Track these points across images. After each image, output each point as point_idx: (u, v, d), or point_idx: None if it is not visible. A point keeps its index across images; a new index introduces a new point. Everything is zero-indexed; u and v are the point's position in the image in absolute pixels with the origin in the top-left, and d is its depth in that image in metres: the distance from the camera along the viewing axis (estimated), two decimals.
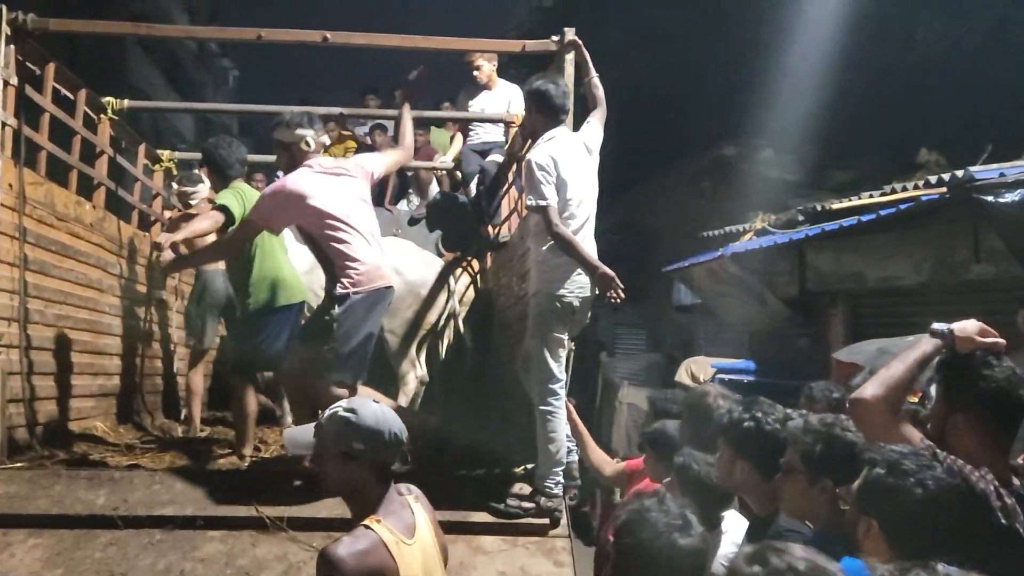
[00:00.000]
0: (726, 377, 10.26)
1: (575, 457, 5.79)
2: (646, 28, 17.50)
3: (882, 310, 9.98)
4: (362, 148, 11.79)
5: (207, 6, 36.35)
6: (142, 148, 8.23)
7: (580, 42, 5.89)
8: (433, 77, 6.50)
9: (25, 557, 5.08)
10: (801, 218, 10.64)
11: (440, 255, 9.08)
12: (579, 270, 5.43)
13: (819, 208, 10.53)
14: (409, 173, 11.21)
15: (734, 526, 4.14)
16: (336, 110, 8.09)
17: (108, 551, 5.14)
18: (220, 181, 6.32)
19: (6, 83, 5.78)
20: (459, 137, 10.04)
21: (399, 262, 7.37)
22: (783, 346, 11.43)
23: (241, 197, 6.05)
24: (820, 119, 14.40)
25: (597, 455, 6.09)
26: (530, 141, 5.95)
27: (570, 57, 5.89)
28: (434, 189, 11.14)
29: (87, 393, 6.98)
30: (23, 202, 5.90)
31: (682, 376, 11.05)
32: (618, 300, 5.32)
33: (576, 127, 5.78)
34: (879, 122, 14.52)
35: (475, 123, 9.44)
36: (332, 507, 5.50)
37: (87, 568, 5.00)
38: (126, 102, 6.97)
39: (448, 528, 5.23)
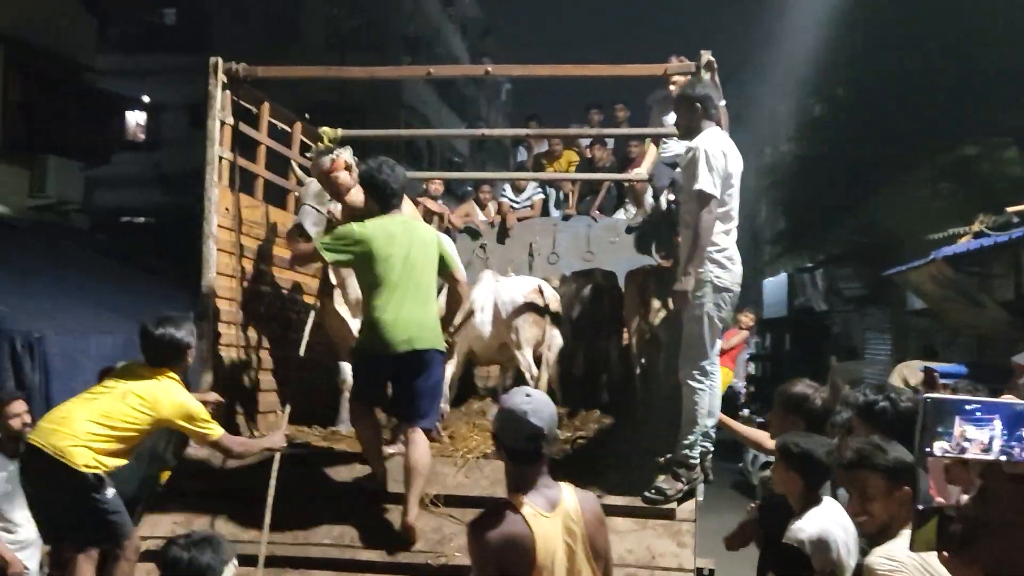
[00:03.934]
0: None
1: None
2: (882, 31, 17.22)
3: None
4: (583, 162, 12.43)
5: (479, 23, 38.13)
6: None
7: (715, 64, 6.31)
8: None
9: (229, 521, 6.09)
10: (1016, 219, 10.38)
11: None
12: (738, 260, 5.99)
13: None
14: (625, 184, 11.70)
15: (827, 511, 4.50)
16: (523, 131, 8.70)
17: (300, 517, 6.03)
18: (379, 210, 6.12)
19: (223, 123, 6.87)
20: (652, 149, 10.42)
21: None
22: (1008, 351, 11.12)
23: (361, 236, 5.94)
24: None
25: (751, 433, 6.50)
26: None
27: (707, 77, 6.32)
28: (649, 200, 11.55)
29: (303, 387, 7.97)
30: (239, 223, 6.98)
31: (895, 379, 11.01)
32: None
33: None
34: None
35: (667, 136, 9.80)
36: (484, 488, 6.23)
37: (281, 532, 5.84)
38: (339, 131, 7.93)
39: None
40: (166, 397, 5.56)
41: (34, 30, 15.30)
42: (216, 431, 5.72)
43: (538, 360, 8.33)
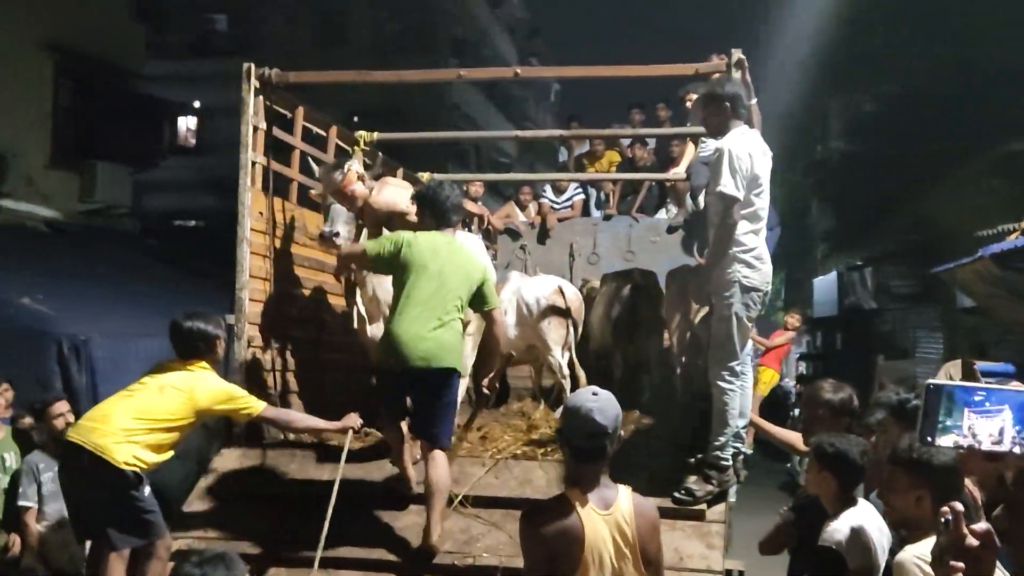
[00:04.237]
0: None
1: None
2: (930, 26, 17.04)
3: None
4: (624, 161, 12.39)
5: (527, 24, 38.13)
6: (399, 172, 9.28)
7: (746, 63, 6.27)
8: None
9: (259, 523, 6.15)
10: None
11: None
12: (767, 260, 5.97)
13: None
14: (667, 184, 11.65)
15: (862, 512, 4.46)
16: (557, 132, 8.72)
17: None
18: (435, 226, 6.15)
19: (255, 128, 6.94)
20: (691, 148, 10.38)
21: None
22: None
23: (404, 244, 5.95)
24: None
25: (783, 434, 6.49)
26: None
27: (737, 76, 6.27)
28: (690, 200, 11.49)
29: (337, 389, 8.02)
30: (273, 226, 7.05)
31: (940, 378, 10.86)
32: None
33: None
34: None
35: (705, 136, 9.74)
36: (512, 489, 6.25)
37: (309, 533, 5.82)
38: (375, 134, 7.99)
39: None
40: (201, 385, 5.69)
41: (84, 38, 15.57)
42: (258, 405, 5.85)
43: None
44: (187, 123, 25.13)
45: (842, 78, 23.99)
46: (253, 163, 6.90)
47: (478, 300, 6.12)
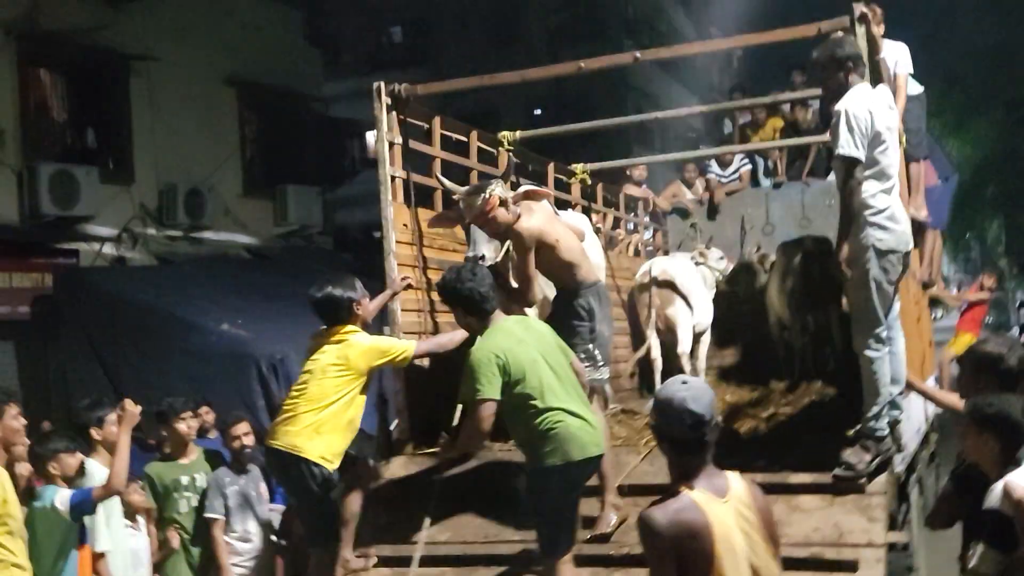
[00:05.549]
0: None
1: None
2: None
3: None
4: (789, 126, 12.08)
5: None
6: (551, 167, 9.34)
7: (870, 17, 6.03)
8: None
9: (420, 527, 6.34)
10: None
11: None
12: (903, 220, 5.78)
13: None
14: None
15: None
16: (698, 108, 8.58)
17: (484, 519, 6.25)
18: (478, 321, 5.64)
19: (391, 144, 7.16)
20: None
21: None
22: None
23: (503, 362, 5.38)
24: None
25: (944, 397, 6.32)
26: None
27: (861, 31, 6.05)
28: None
29: None
30: (419, 236, 7.26)
31: None
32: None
33: None
34: None
35: None
36: (667, 476, 6.18)
37: (467, 533, 6.11)
38: (518, 134, 8.12)
39: (768, 489, 5.66)
40: (353, 350, 5.91)
41: (263, 69, 16.31)
42: (409, 349, 6.12)
43: None
44: (373, 137, 25.97)
45: None
46: (392, 177, 7.11)
47: None
